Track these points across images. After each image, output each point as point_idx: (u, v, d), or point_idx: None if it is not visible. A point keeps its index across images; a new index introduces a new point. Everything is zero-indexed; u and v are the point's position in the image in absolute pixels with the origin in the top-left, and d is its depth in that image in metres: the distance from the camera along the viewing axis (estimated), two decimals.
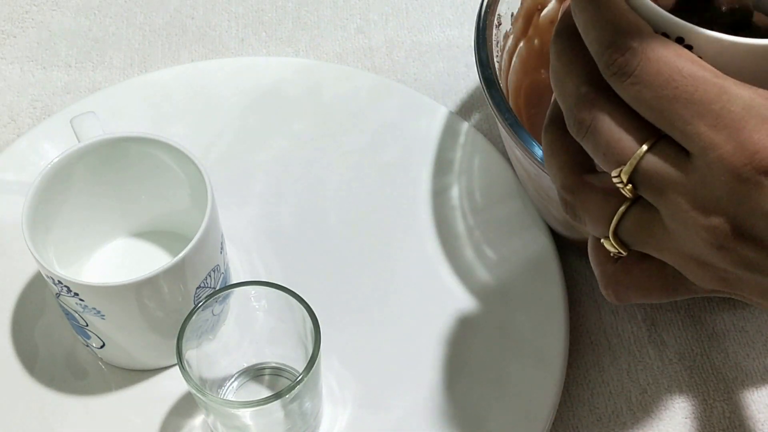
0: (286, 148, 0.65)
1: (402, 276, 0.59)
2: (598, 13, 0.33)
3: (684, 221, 0.32)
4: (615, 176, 0.34)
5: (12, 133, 0.67)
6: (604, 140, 0.34)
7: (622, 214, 0.34)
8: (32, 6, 0.74)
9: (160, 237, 0.59)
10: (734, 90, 0.31)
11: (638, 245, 0.35)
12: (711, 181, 0.31)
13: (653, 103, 0.32)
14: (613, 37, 0.33)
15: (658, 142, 0.33)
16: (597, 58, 0.34)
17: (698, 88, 0.31)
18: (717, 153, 0.31)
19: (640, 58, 0.32)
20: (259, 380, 0.55)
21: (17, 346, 0.56)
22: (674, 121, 0.32)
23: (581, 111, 0.34)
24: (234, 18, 0.74)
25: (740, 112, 0.31)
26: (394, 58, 0.71)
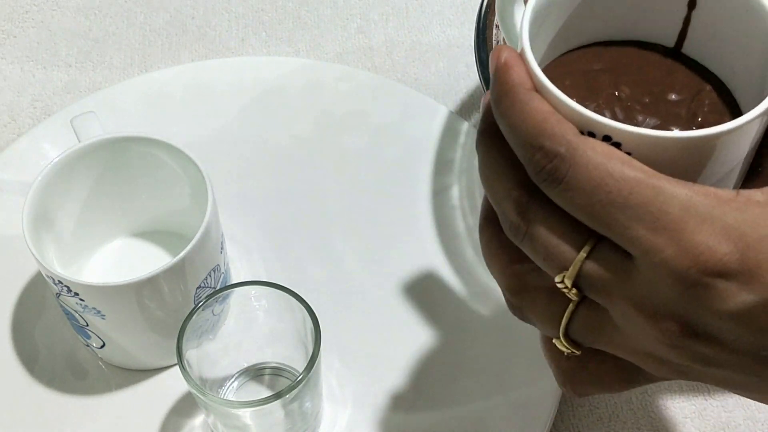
0: (286, 148, 0.65)
1: (402, 276, 0.59)
2: (521, 118, 0.32)
3: (633, 322, 0.31)
4: (558, 281, 0.32)
5: (12, 132, 0.67)
6: (541, 247, 0.32)
7: (570, 315, 0.33)
8: (32, 6, 0.74)
9: (160, 237, 0.59)
10: (670, 189, 0.30)
11: (590, 343, 0.34)
12: (657, 284, 0.30)
13: (587, 208, 0.31)
14: (539, 143, 0.31)
15: (598, 244, 0.32)
16: (524, 164, 0.32)
17: (632, 190, 0.30)
18: (659, 257, 0.30)
19: (568, 164, 0.31)
20: (260, 380, 0.55)
21: (17, 346, 0.56)
22: (611, 225, 0.31)
23: (515, 217, 0.33)
24: (234, 18, 0.74)
25: (678, 213, 0.30)
26: (394, 58, 0.71)
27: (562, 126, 0.32)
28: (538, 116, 0.32)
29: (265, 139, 0.65)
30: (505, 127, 0.33)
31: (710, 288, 0.30)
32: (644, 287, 0.31)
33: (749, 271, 0.29)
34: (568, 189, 0.31)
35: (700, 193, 0.30)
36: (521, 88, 0.33)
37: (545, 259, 0.33)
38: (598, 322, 0.33)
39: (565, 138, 0.31)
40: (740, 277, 0.29)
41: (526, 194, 0.33)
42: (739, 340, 0.30)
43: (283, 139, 0.65)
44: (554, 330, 0.34)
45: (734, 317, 0.30)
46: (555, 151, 0.31)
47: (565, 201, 0.31)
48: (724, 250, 0.29)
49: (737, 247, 0.29)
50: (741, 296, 0.29)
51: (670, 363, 0.32)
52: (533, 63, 0.33)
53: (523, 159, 0.32)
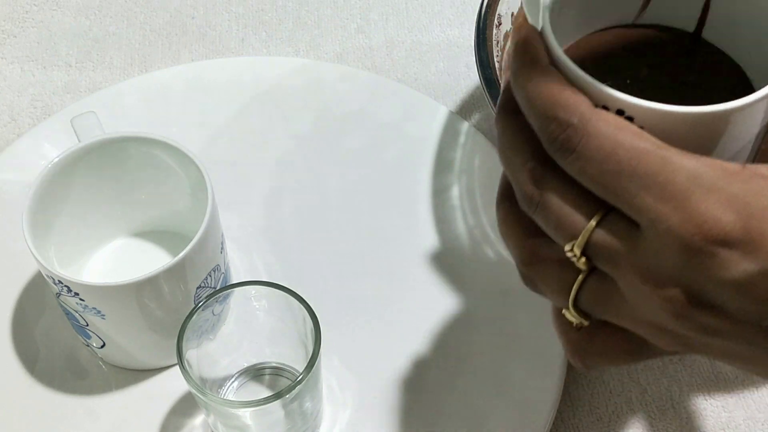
0: (286, 148, 0.65)
1: (402, 276, 0.59)
2: (537, 90, 0.33)
3: (640, 292, 0.32)
4: (568, 250, 0.34)
5: (12, 132, 0.67)
6: (553, 216, 0.34)
7: (580, 286, 0.34)
8: (32, 6, 0.74)
9: (160, 237, 0.59)
10: (677, 160, 0.31)
11: (598, 314, 0.35)
12: (662, 253, 0.31)
13: (598, 177, 0.32)
14: (553, 114, 0.33)
15: (608, 214, 0.33)
16: (539, 134, 0.34)
17: (641, 160, 0.31)
18: (665, 225, 0.31)
19: (581, 134, 0.32)
20: (260, 380, 0.55)
21: (17, 346, 0.56)
22: (620, 194, 0.32)
23: (529, 187, 0.34)
24: (234, 18, 0.74)
25: (685, 183, 0.31)
26: (394, 58, 0.71)
27: (576, 98, 0.33)
28: (554, 88, 0.33)
29: (265, 139, 0.65)
30: (522, 99, 0.34)
31: (714, 256, 0.30)
32: (650, 256, 0.31)
33: (752, 241, 0.30)
34: (579, 158, 0.32)
35: (706, 165, 0.31)
36: (539, 63, 0.34)
37: (556, 228, 0.34)
38: (607, 293, 0.34)
39: (579, 109, 0.32)
40: (743, 246, 0.30)
41: (541, 165, 0.34)
42: (742, 310, 0.31)
43: (283, 139, 0.65)
44: (564, 300, 0.35)
45: (737, 286, 0.30)
46: (568, 121, 0.32)
47: (577, 170, 0.32)
48: (727, 219, 0.30)
49: (741, 216, 0.30)
50: (743, 265, 0.30)
51: (675, 334, 0.33)
52: (551, 39, 0.34)
53: (538, 130, 0.33)
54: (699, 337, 0.33)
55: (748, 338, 0.32)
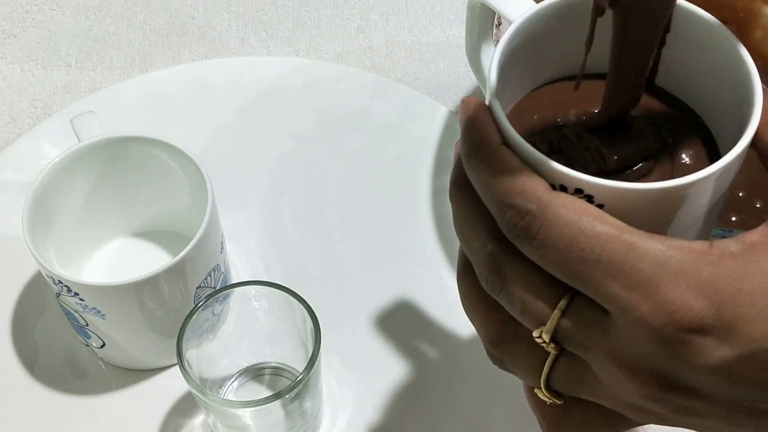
0: (286, 148, 0.65)
1: (402, 276, 0.59)
2: (490, 174, 0.32)
3: (614, 376, 0.31)
4: (536, 336, 0.32)
5: (12, 132, 0.67)
6: (518, 302, 0.32)
7: (551, 367, 0.33)
8: (32, 5, 0.74)
9: (160, 237, 0.59)
10: (642, 245, 0.30)
11: (572, 393, 0.34)
12: (634, 340, 0.30)
13: (561, 265, 0.31)
14: (509, 201, 0.31)
15: (574, 299, 0.32)
16: (497, 219, 0.32)
17: (604, 247, 0.30)
18: (635, 314, 0.30)
19: (540, 222, 0.31)
20: (260, 380, 0.55)
21: (17, 346, 0.56)
22: (585, 282, 0.30)
23: (490, 271, 0.33)
24: (234, 18, 0.74)
25: (652, 269, 0.30)
26: (394, 58, 0.71)
27: (533, 182, 0.31)
28: (508, 173, 0.32)
29: (265, 139, 0.65)
30: (476, 183, 0.33)
31: (687, 344, 0.29)
32: (622, 342, 0.30)
33: (726, 326, 0.29)
34: (541, 246, 0.31)
35: (673, 248, 0.30)
36: (490, 144, 0.33)
37: (522, 314, 0.33)
38: (579, 374, 0.33)
39: (536, 195, 0.31)
40: (717, 332, 0.29)
41: (501, 249, 0.33)
42: (720, 392, 0.30)
43: (283, 139, 0.65)
44: (535, 381, 0.34)
45: (713, 371, 0.30)
46: (526, 208, 0.31)
47: (539, 257, 0.31)
48: (699, 306, 0.29)
49: (712, 302, 0.29)
50: (719, 351, 0.29)
51: (653, 413, 0.32)
52: (502, 116, 0.33)
53: (496, 216, 0.32)
54: (677, 417, 0.32)
55: (727, 418, 0.31)
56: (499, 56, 0.35)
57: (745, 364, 0.29)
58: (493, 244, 0.33)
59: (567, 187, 0.32)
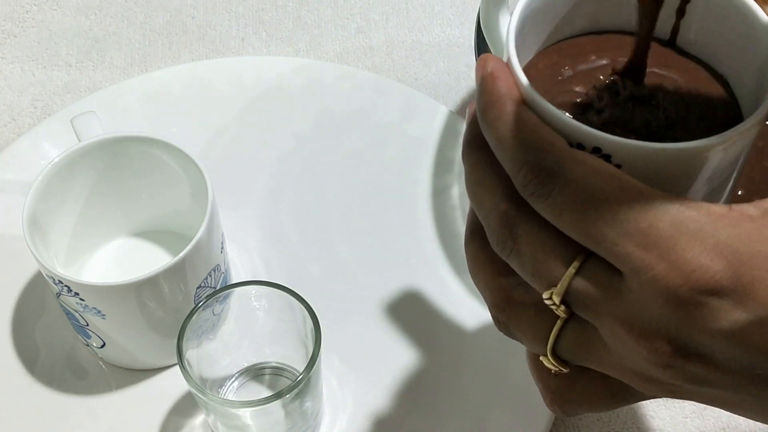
0: (286, 148, 0.65)
1: (402, 276, 0.59)
2: (507, 130, 0.31)
3: (623, 342, 0.31)
4: (546, 298, 0.32)
5: (12, 132, 0.67)
6: (529, 262, 0.32)
7: (558, 332, 0.33)
8: (33, 5, 0.74)
9: (160, 237, 0.59)
10: (660, 205, 0.29)
11: (578, 362, 0.33)
12: (647, 303, 0.29)
13: (575, 224, 0.30)
14: (527, 157, 0.31)
15: (587, 260, 0.31)
16: (512, 177, 0.32)
17: (620, 206, 0.29)
18: (650, 274, 0.29)
19: (557, 180, 0.30)
20: (260, 380, 0.55)
21: (17, 346, 0.56)
22: (600, 241, 0.30)
23: (502, 231, 0.32)
24: (234, 17, 0.74)
25: (669, 229, 0.29)
26: (395, 58, 0.71)
27: (550, 139, 0.31)
28: (526, 129, 0.31)
29: (265, 138, 0.65)
30: (491, 140, 0.32)
31: (702, 306, 0.29)
32: (634, 306, 0.30)
33: (742, 289, 0.29)
34: (555, 204, 0.30)
35: (691, 208, 0.29)
36: (508, 99, 0.32)
37: (533, 275, 0.32)
38: (587, 340, 0.32)
39: (553, 151, 0.31)
40: (733, 294, 0.29)
41: (514, 207, 0.32)
42: (733, 359, 0.30)
43: (283, 139, 0.65)
44: (541, 347, 0.34)
45: (727, 336, 0.29)
46: (542, 165, 0.30)
47: (553, 216, 0.31)
48: (716, 268, 0.29)
49: (729, 263, 0.29)
50: (734, 314, 0.29)
51: (661, 382, 0.32)
52: (520, 73, 0.33)
53: (510, 172, 0.32)
54: (686, 386, 0.31)
55: (738, 387, 0.31)
56: (519, 14, 0.34)
57: (760, 329, 0.29)
58: (506, 203, 0.32)
59: (585, 145, 0.31)
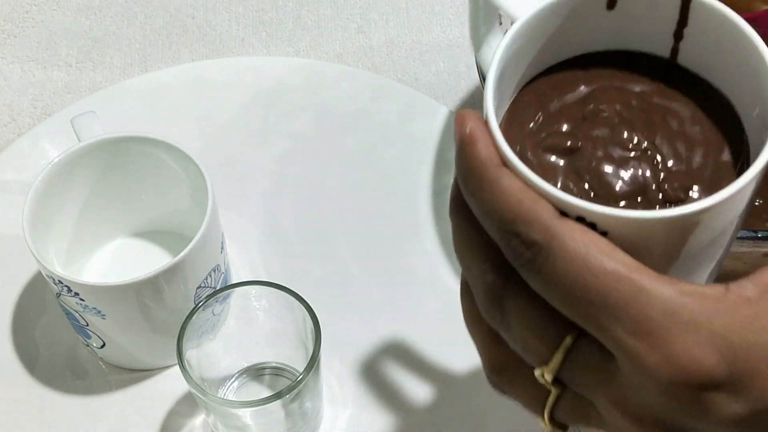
0: (286, 148, 0.65)
1: (402, 276, 0.59)
2: (492, 200, 0.30)
3: (619, 423, 0.30)
4: (538, 375, 0.31)
5: (12, 132, 0.67)
6: (519, 338, 0.31)
7: (555, 401, 0.32)
8: (33, 6, 0.74)
9: (160, 237, 0.59)
10: (653, 289, 0.28)
11: (576, 426, 0.32)
12: (641, 389, 0.28)
13: (566, 302, 0.29)
14: (515, 228, 0.29)
15: (579, 339, 0.30)
16: (500, 246, 0.30)
17: (612, 288, 0.28)
18: (641, 364, 0.28)
19: (546, 254, 0.29)
20: (260, 380, 0.55)
21: (17, 346, 0.56)
22: (591, 323, 0.29)
23: (490, 303, 0.31)
24: (234, 18, 0.74)
25: (661, 318, 0.28)
26: (395, 58, 0.71)
27: (538, 208, 0.29)
28: (511, 198, 0.30)
29: (265, 138, 0.65)
30: (475, 208, 0.31)
31: (697, 400, 0.28)
32: (627, 389, 0.29)
33: (739, 381, 0.28)
34: (546, 280, 0.29)
35: (685, 293, 0.28)
36: (490, 165, 0.30)
37: (523, 350, 0.31)
38: (583, 410, 0.31)
39: (542, 223, 0.29)
40: (729, 387, 0.28)
41: (501, 279, 0.31)
42: None
43: (283, 139, 0.65)
44: (538, 412, 0.33)
45: (723, 427, 0.28)
46: (532, 238, 0.29)
47: (544, 291, 0.29)
48: (710, 362, 0.28)
49: (724, 356, 0.28)
50: (730, 407, 0.28)
51: None
52: (499, 136, 0.31)
53: (499, 242, 0.30)
54: None
55: None
56: (497, 65, 0.33)
57: (759, 420, 0.28)
58: (494, 273, 0.31)
59: (568, 213, 0.30)
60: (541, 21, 0.34)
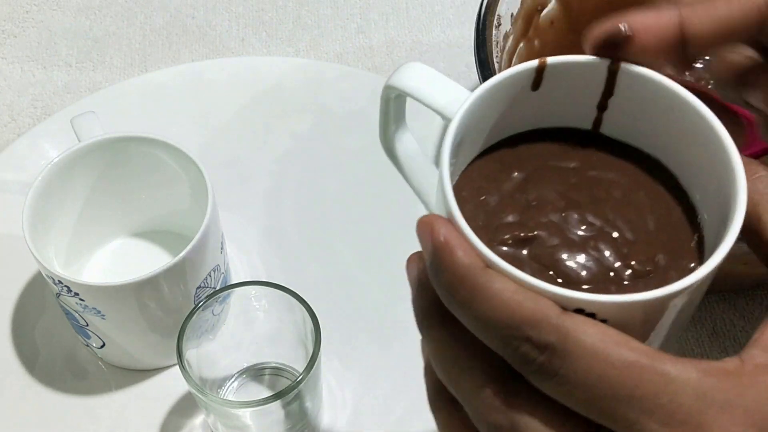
0: (286, 148, 0.65)
1: (402, 276, 0.59)
2: (489, 306, 0.28)
3: None
4: None
5: (12, 132, 0.67)
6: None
7: None
8: (33, 6, 0.74)
9: (160, 237, 0.59)
10: (677, 375, 0.27)
11: None
12: None
13: (589, 403, 0.27)
14: (523, 333, 0.27)
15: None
16: (504, 355, 0.28)
17: (637, 381, 0.27)
18: None
19: (562, 356, 0.27)
20: (260, 380, 0.55)
21: (17, 346, 0.56)
22: (618, 420, 0.27)
23: (494, 415, 0.28)
24: (234, 18, 0.74)
25: (694, 404, 0.27)
26: (394, 58, 0.71)
27: (543, 307, 0.28)
28: (511, 302, 0.28)
29: (265, 138, 0.65)
30: (469, 321, 0.29)
31: None
32: None
33: None
34: (565, 383, 0.27)
35: (709, 374, 0.27)
36: (476, 271, 0.28)
37: None
38: None
39: (552, 323, 0.27)
40: None
41: (503, 390, 0.29)
42: None
43: (283, 139, 0.65)
44: None
45: None
46: (544, 341, 0.27)
47: (562, 393, 0.28)
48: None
49: (761, 429, 0.27)
50: None
51: None
52: (473, 236, 0.30)
53: (502, 350, 0.28)
54: None
55: None
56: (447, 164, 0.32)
57: None
58: (494, 384, 0.29)
59: (566, 307, 0.28)
60: (475, 112, 0.34)
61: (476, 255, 0.29)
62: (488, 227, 0.33)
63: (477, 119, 0.34)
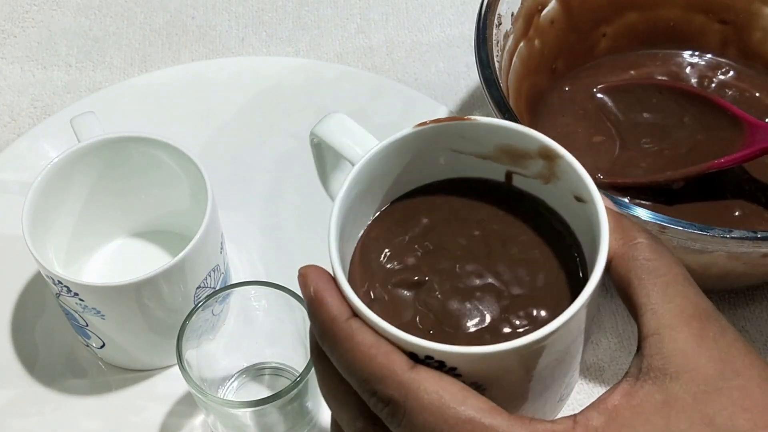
0: (286, 148, 0.65)
1: None
2: (348, 356, 0.31)
3: None
4: None
5: (12, 132, 0.67)
6: None
7: None
8: (32, 6, 0.74)
9: (160, 237, 0.59)
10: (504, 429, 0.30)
11: None
12: None
13: None
14: (371, 386, 0.31)
15: None
16: (362, 397, 0.32)
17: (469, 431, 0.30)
18: None
19: (403, 410, 0.30)
20: (259, 380, 0.55)
21: (17, 346, 0.56)
22: None
23: None
24: (234, 18, 0.74)
25: None
26: (394, 58, 0.71)
27: (390, 364, 0.31)
28: (364, 356, 0.31)
29: (265, 138, 0.65)
30: (335, 364, 0.32)
31: None
32: None
33: None
34: (408, 430, 0.30)
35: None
36: (340, 322, 0.32)
37: None
38: None
39: (395, 379, 0.31)
40: None
41: (371, 424, 0.32)
42: None
43: (283, 139, 0.65)
44: None
45: None
46: (388, 395, 0.31)
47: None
48: None
49: None
50: None
51: None
52: (346, 286, 0.32)
53: (361, 395, 0.32)
54: None
55: None
56: (337, 213, 0.34)
57: None
58: (363, 419, 0.32)
59: (417, 354, 0.31)
60: (379, 162, 0.35)
61: (344, 305, 0.32)
62: (385, 268, 0.35)
63: (384, 169, 0.36)
